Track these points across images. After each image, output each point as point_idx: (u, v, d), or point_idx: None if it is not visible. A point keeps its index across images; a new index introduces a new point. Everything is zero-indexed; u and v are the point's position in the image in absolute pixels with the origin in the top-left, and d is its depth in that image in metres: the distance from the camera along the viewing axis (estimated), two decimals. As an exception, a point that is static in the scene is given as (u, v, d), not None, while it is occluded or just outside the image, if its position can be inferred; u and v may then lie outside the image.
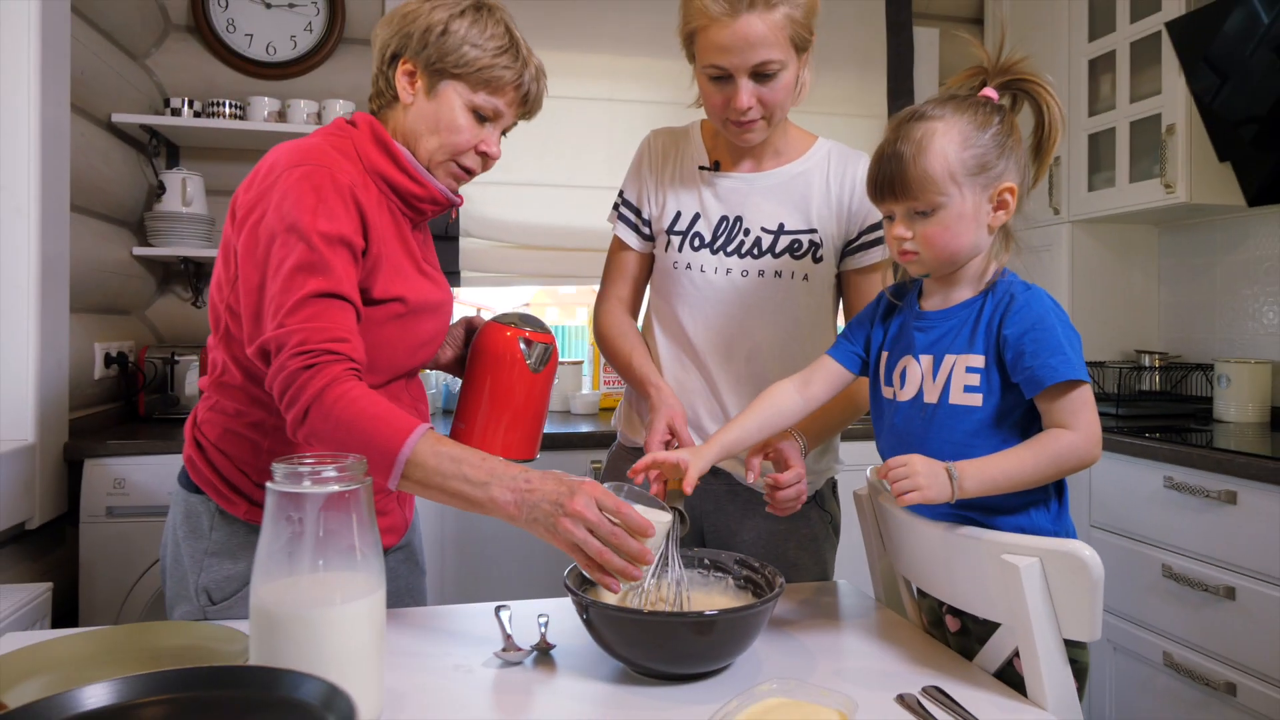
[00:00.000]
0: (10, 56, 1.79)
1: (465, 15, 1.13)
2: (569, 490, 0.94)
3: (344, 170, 1.08)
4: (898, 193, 0.98)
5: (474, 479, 0.96)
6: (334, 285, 1.02)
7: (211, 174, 2.57)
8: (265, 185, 1.06)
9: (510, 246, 2.78)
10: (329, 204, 1.04)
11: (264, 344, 1.02)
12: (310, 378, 0.98)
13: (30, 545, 1.89)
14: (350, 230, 1.05)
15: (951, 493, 0.91)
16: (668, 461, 1.06)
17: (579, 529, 0.92)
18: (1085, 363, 0.94)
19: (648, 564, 0.94)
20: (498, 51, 1.14)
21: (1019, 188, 0.99)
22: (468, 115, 1.16)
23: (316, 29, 2.67)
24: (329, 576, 0.82)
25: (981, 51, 1.07)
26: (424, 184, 1.17)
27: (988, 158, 0.97)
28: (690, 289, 1.35)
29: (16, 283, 1.80)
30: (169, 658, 0.95)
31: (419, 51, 1.14)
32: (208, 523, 1.16)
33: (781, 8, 1.17)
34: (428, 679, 0.95)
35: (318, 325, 1.00)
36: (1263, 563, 1.72)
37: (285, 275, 1.01)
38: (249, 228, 1.06)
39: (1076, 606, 0.86)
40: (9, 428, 1.80)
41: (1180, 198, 2.27)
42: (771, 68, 1.19)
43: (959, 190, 0.96)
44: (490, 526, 2.26)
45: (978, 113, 0.99)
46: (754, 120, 1.24)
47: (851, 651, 1.05)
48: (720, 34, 1.17)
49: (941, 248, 0.98)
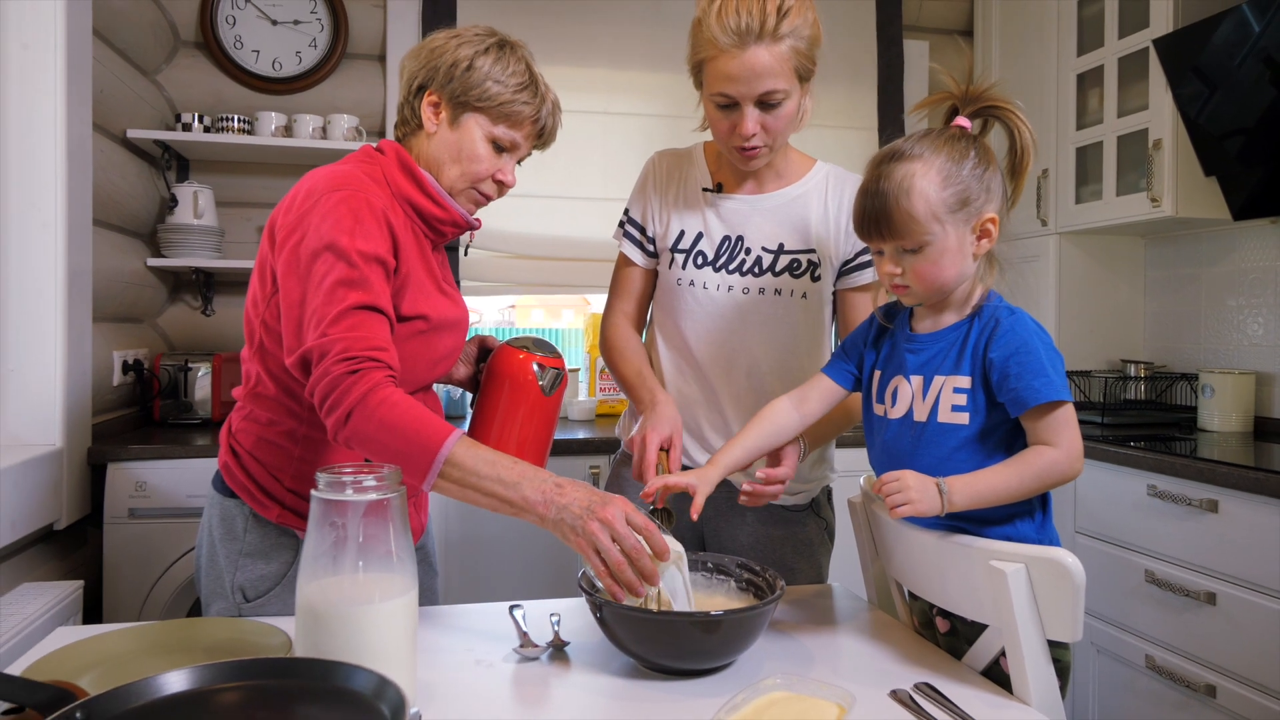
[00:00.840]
0: (38, 79, 1.86)
1: (489, 53, 1.21)
2: (602, 500, 1.01)
3: (377, 195, 1.15)
4: (884, 233, 1.04)
5: (507, 480, 1.03)
6: (373, 299, 1.09)
7: (221, 186, 2.64)
8: (304, 208, 1.13)
9: (508, 256, 2.85)
10: (366, 225, 1.11)
11: (306, 353, 1.07)
12: (354, 382, 1.04)
13: (58, 545, 1.96)
14: (385, 250, 1.13)
15: (941, 506, 0.98)
16: (678, 485, 1.13)
17: (605, 536, 0.99)
18: (1068, 378, 1.01)
19: (655, 585, 1.00)
20: (518, 88, 1.21)
21: (1000, 215, 1.05)
22: (487, 146, 1.23)
23: (321, 45, 2.74)
24: (368, 577, 0.89)
25: (950, 79, 1.12)
26: (447, 208, 1.24)
27: (968, 192, 1.03)
28: (693, 305, 1.42)
29: (44, 294, 1.87)
30: (214, 651, 1.02)
31: (445, 84, 1.21)
32: (242, 525, 1.23)
33: (787, 40, 1.23)
34: (454, 673, 1.02)
35: (359, 335, 1.06)
36: (1243, 569, 1.79)
37: (327, 289, 1.07)
38: (289, 248, 1.12)
39: (1059, 609, 0.94)
40: (38, 433, 1.87)
41: (1166, 211, 2.34)
42: (776, 97, 1.26)
43: (942, 227, 1.02)
44: (492, 530, 2.33)
45: (954, 148, 1.04)
46: (758, 147, 1.31)
47: (847, 650, 1.12)
48: (728, 64, 1.23)
49: (931, 281, 1.05)
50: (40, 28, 1.86)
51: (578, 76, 2.90)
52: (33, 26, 1.86)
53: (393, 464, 0.97)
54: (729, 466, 1.17)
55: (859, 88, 3.10)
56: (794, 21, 1.24)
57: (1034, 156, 1.08)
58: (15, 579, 1.77)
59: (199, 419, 2.39)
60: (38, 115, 1.86)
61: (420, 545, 1.42)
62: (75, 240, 1.93)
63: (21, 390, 1.87)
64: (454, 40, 1.22)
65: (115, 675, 0.96)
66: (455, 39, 1.22)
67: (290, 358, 1.10)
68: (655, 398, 1.31)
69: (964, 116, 1.09)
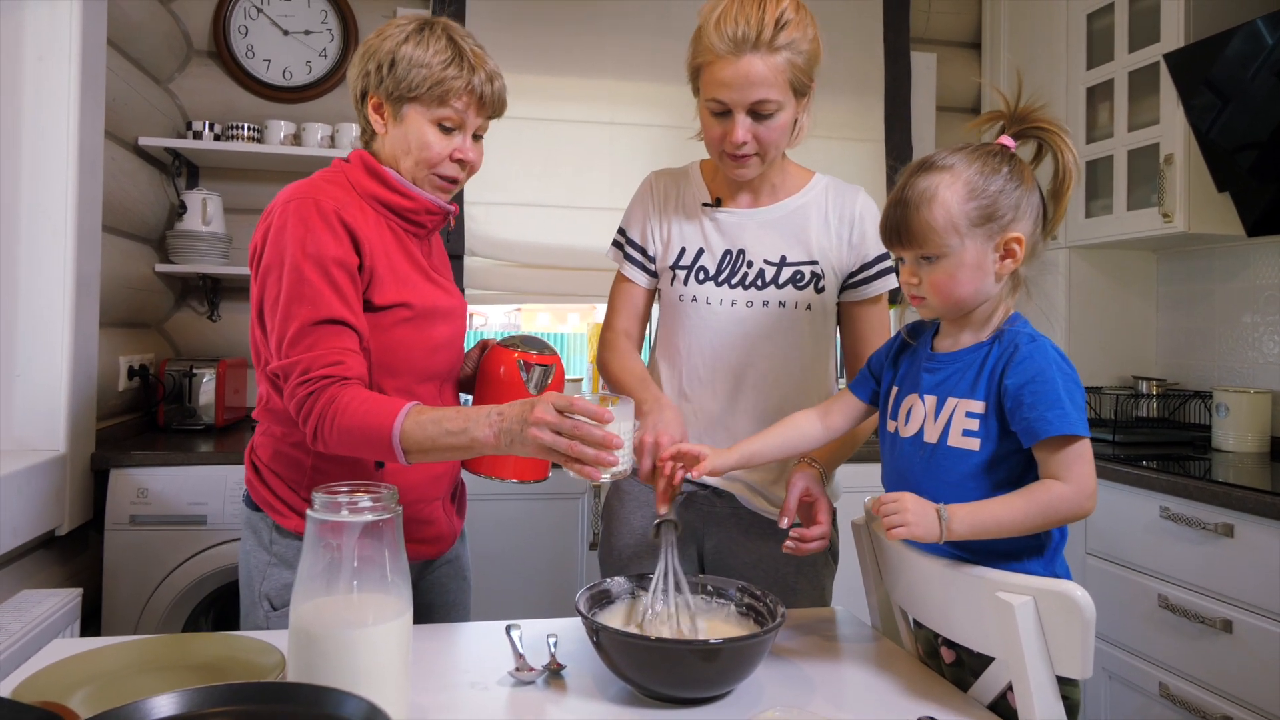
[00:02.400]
0: (53, 90, 1.87)
1: (409, 40, 1.22)
2: (530, 405, 1.06)
3: (330, 196, 1.18)
4: (904, 240, 1.04)
5: (454, 430, 1.09)
6: (324, 311, 1.13)
7: (230, 193, 2.65)
8: (265, 226, 1.18)
9: (513, 265, 2.85)
10: (315, 232, 1.14)
11: (272, 375, 1.17)
12: (314, 402, 1.12)
13: (59, 550, 1.96)
14: (338, 252, 1.15)
15: (940, 533, 0.96)
16: (689, 452, 1.13)
17: (545, 433, 1.03)
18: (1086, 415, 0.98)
19: (616, 448, 1.04)
20: (444, 65, 1.21)
21: (1028, 236, 1.03)
22: (434, 130, 1.24)
23: (330, 55, 2.75)
24: (362, 598, 0.88)
25: (1002, 98, 1.11)
26: (413, 196, 1.26)
27: (994, 208, 1.01)
28: (696, 320, 1.40)
29: (52, 301, 1.87)
30: (206, 669, 1.01)
31: (378, 86, 1.23)
32: (267, 536, 1.26)
33: (784, 53, 1.24)
34: (448, 696, 1.01)
35: (315, 354, 1.13)
36: (1260, 597, 1.75)
37: (283, 308, 1.14)
38: (255, 268, 1.18)
39: (1068, 644, 0.91)
40: (43, 439, 1.87)
41: (1178, 227, 2.31)
42: (769, 107, 1.26)
43: (961, 240, 1.01)
44: (495, 545, 2.32)
45: (986, 163, 1.02)
46: (748, 155, 1.31)
47: (850, 680, 1.10)
48: (723, 71, 1.25)
49: (946, 294, 1.03)
50: (56, 40, 1.87)
51: (585, 87, 2.89)
52: (49, 38, 1.87)
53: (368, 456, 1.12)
54: (746, 455, 1.18)
55: (865, 99, 3.08)
56: (792, 35, 1.24)
57: (1076, 181, 1.06)
58: (16, 584, 1.77)
59: (202, 424, 2.39)
60: (51, 125, 1.87)
61: (454, 555, 1.43)
62: (84, 246, 1.94)
63: (27, 395, 1.87)
64: (378, 38, 1.24)
65: (107, 693, 0.95)
66: (379, 36, 1.24)
67: (264, 382, 1.19)
68: (660, 400, 1.29)
69: (1009, 135, 1.07)
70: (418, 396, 1.26)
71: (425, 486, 1.28)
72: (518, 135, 2.83)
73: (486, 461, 1.29)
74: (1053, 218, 1.06)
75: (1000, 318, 1.06)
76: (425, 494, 1.29)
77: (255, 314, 1.21)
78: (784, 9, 1.25)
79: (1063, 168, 1.05)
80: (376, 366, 1.22)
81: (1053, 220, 1.06)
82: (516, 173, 2.83)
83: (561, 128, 2.88)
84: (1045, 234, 1.07)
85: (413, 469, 1.24)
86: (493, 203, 2.79)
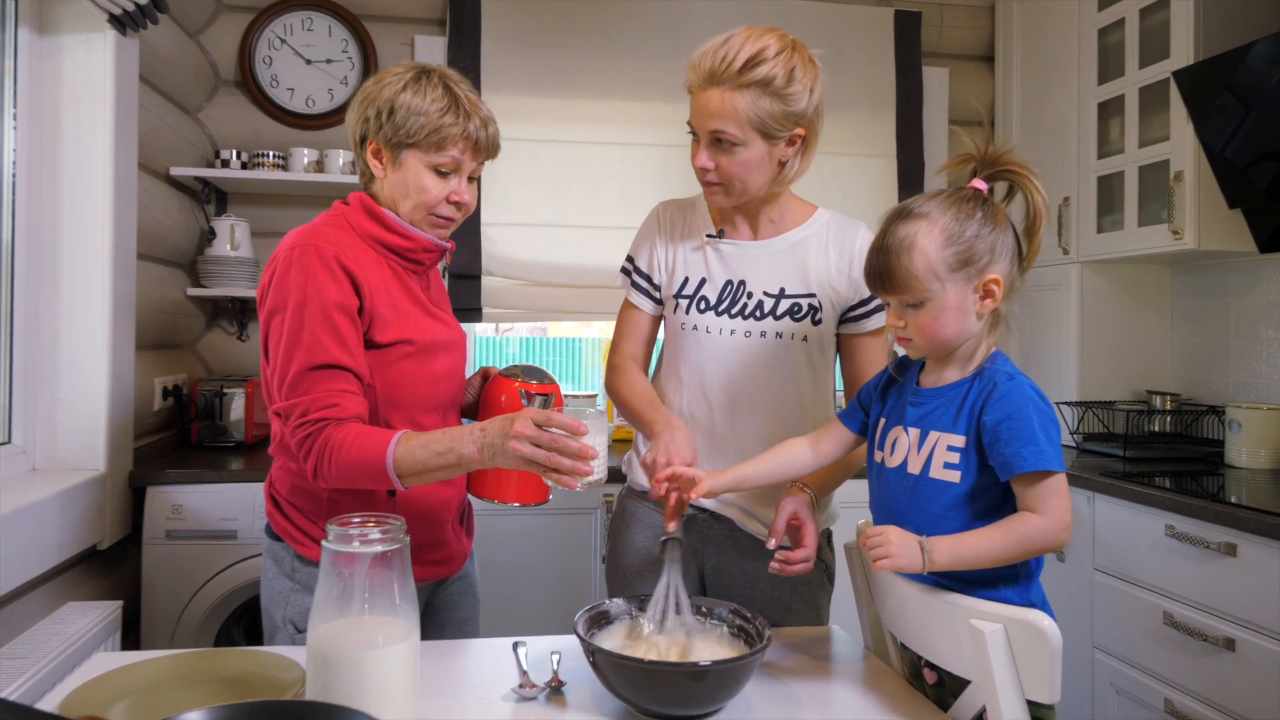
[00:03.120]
0: (89, 128, 1.97)
1: (407, 88, 1.28)
2: (510, 420, 1.14)
3: (330, 241, 1.24)
4: (887, 287, 1.09)
5: (440, 450, 1.17)
6: (321, 356, 1.20)
7: (257, 218, 2.76)
8: (270, 270, 1.25)
9: (529, 284, 2.92)
10: (316, 278, 1.21)
11: (276, 412, 1.25)
12: (311, 443, 1.19)
13: (100, 564, 2.07)
14: (339, 296, 1.22)
15: (922, 564, 1.01)
16: (684, 475, 1.19)
17: (525, 445, 1.11)
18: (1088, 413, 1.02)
19: (592, 458, 1.12)
20: (440, 113, 1.27)
21: (1006, 276, 1.07)
22: (431, 175, 1.30)
23: (351, 82, 2.85)
24: (373, 621, 0.95)
25: (971, 142, 1.15)
26: (412, 237, 1.33)
27: (970, 252, 1.06)
28: (697, 348, 1.46)
29: (92, 328, 1.98)
30: (233, 682, 1.09)
31: (377, 132, 1.29)
32: (289, 565, 1.33)
33: (751, 92, 1.29)
34: (454, 710, 1.07)
35: (312, 397, 1.20)
36: (1262, 616, 1.76)
37: (283, 351, 1.21)
38: (264, 310, 1.26)
39: (1037, 671, 0.96)
40: (84, 458, 1.98)
41: (1188, 244, 2.32)
42: (726, 137, 1.32)
43: (942, 285, 1.06)
44: (512, 560, 2.39)
45: (961, 209, 1.07)
46: (712, 183, 1.37)
47: (836, 699, 1.15)
48: (696, 98, 1.35)
49: (932, 336, 1.08)
50: (91, 80, 1.97)
51: (598, 109, 2.96)
52: (85, 80, 1.98)
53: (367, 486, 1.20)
54: (738, 478, 1.24)
55: (878, 115, 3.11)
56: (765, 73, 1.28)
57: (1046, 221, 1.11)
58: (62, 595, 1.87)
59: (233, 441, 2.49)
60: (88, 161, 1.97)
61: (465, 573, 1.50)
62: (120, 274, 2.04)
63: (69, 417, 1.98)
64: (376, 85, 1.30)
65: (144, 705, 1.03)
66: (378, 83, 1.30)
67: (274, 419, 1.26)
68: (671, 422, 1.34)
69: (980, 179, 1.12)
70: (422, 426, 1.32)
71: (435, 511, 1.36)
72: (534, 157, 2.90)
73: (490, 486, 1.35)
74: (1027, 255, 1.11)
75: (983, 355, 1.11)
76: (436, 518, 1.36)
77: (263, 355, 1.28)
78: (764, 48, 1.29)
79: (1033, 208, 1.10)
80: (382, 400, 1.28)
81: (1027, 257, 1.11)
82: (531, 194, 2.91)
83: (575, 149, 2.95)
84: (1021, 271, 1.11)
85: (421, 495, 1.31)
86: (508, 223, 2.87)
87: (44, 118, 1.95)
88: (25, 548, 1.67)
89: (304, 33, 2.83)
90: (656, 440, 1.29)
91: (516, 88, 2.91)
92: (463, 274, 2.83)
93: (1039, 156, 2.93)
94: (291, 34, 2.82)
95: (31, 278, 1.93)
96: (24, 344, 1.92)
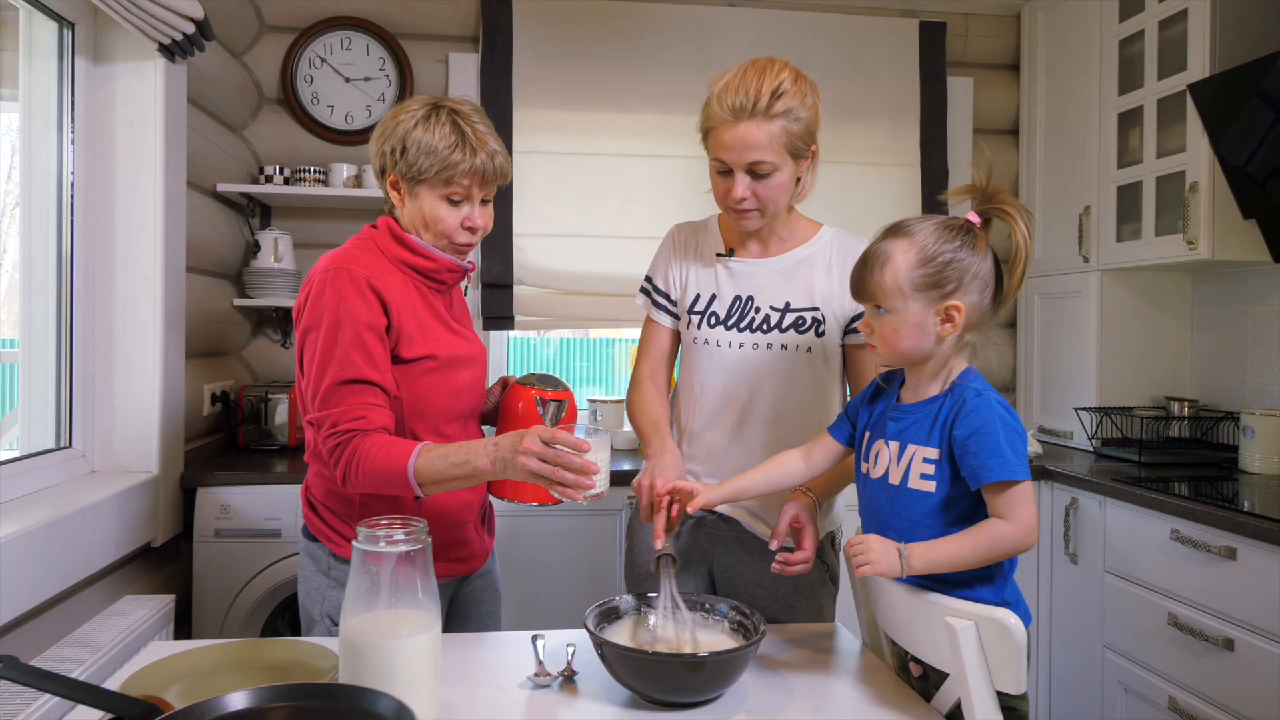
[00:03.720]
0: (141, 151, 2.11)
1: (418, 126, 1.37)
2: (520, 436, 1.23)
3: (361, 265, 1.35)
4: (860, 293, 1.19)
5: (457, 462, 1.27)
6: (350, 372, 1.31)
7: (299, 230, 2.90)
8: (306, 291, 1.36)
9: (559, 293, 3.01)
10: (348, 300, 1.32)
11: (309, 422, 1.36)
12: (340, 453, 1.30)
13: (153, 560, 2.21)
14: (368, 317, 1.32)
15: (901, 569, 1.10)
16: (684, 489, 1.29)
17: (532, 460, 1.21)
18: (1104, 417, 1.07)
19: (594, 473, 1.22)
20: (449, 149, 1.36)
21: (971, 307, 1.14)
22: (444, 205, 1.40)
23: (389, 99, 2.97)
24: (398, 614, 1.05)
25: (978, 173, 1.22)
26: (435, 259, 1.43)
27: (939, 277, 1.13)
28: (708, 360, 1.55)
29: (145, 339, 2.11)
30: (275, 669, 1.20)
31: (394, 166, 1.40)
32: (326, 563, 1.44)
33: (780, 121, 1.38)
34: (473, 696, 1.18)
35: (341, 409, 1.30)
36: (1259, 617, 1.80)
37: (317, 367, 1.32)
38: (300, 328, 1.36)
39: (1004, 663, 1.04)
40: (138, 461, 2.12)
41: (1202, 254, 2.35)
42: (764, 168, 1.40)
43: (905, 301, 1.14)
44: (542, 558, 2.50)
45: (943, 235, 1.15)
46: (749, 210, 1.45)
47: (828, 690, 1.23)
48: (725, 134, 1.40)
49: (890, 345, 1.17)
50: (143, 105, 2.11)
51: (628, 122, 3.05)
52: (137, 104, 2.11)
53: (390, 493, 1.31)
54: (734, 490, 1.33)
55: (902, 124, 3.15)
56: (788, 103, 1.38)
57: (1027, 259, 1.16)
58: (120, 589, 2.01)
59: (277, 445, 2.62)
60: (140, 181, 2.11)
61: (486, 570, 1.60)
62: (171, 287, 2.18)
63: (125, 423, 2.12)
64: (393, 120, 1.40)
65: (196, 688, 1.15)
66: (394, 118, 1.40)
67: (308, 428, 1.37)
68: (664, 446, 1.45)
69: (975, 212, 1.19)
70: (444, 434, 1.43)
71: (458, 512, 1.46)
72: (564, 169, 3.00)
73: (509, 489, 1.45)
74: (1006, 289, 1.17)
75: (956, 373, 1.19)
76: (458, 519, 1.46)
77: (298, 368, 1.39)
78: (781, 80, 1.39)
79: (1015, 246, 1.17)
80: (408, 412, 1.39)
81: (1006, 291, 1.17)
82: (562, 205, 3.01)
83: (604, 161, 3.04)
84: (999, 304, 1.18)
85: (445, 497, 1.41)
86: (539, 234, 2.97)
87: (99, 141, 2.09)
88: (86, 545, 1.80)
89: (343, 51, 2.95)
90: (648, 462, 1.41)
91: (547, 102, 3.01)
92: (495, 283, 2.94)
93: (1062, 165, 2.97)
94: (331, 53, 2.95)
95: (88, 292, 2.08)
96: (82, 354, 2.07)
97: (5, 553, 1.50)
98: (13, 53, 2.01)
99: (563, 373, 4.67)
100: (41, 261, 2.02)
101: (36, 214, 2.01)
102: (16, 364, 2.06)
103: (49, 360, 2.03)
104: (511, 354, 3.25)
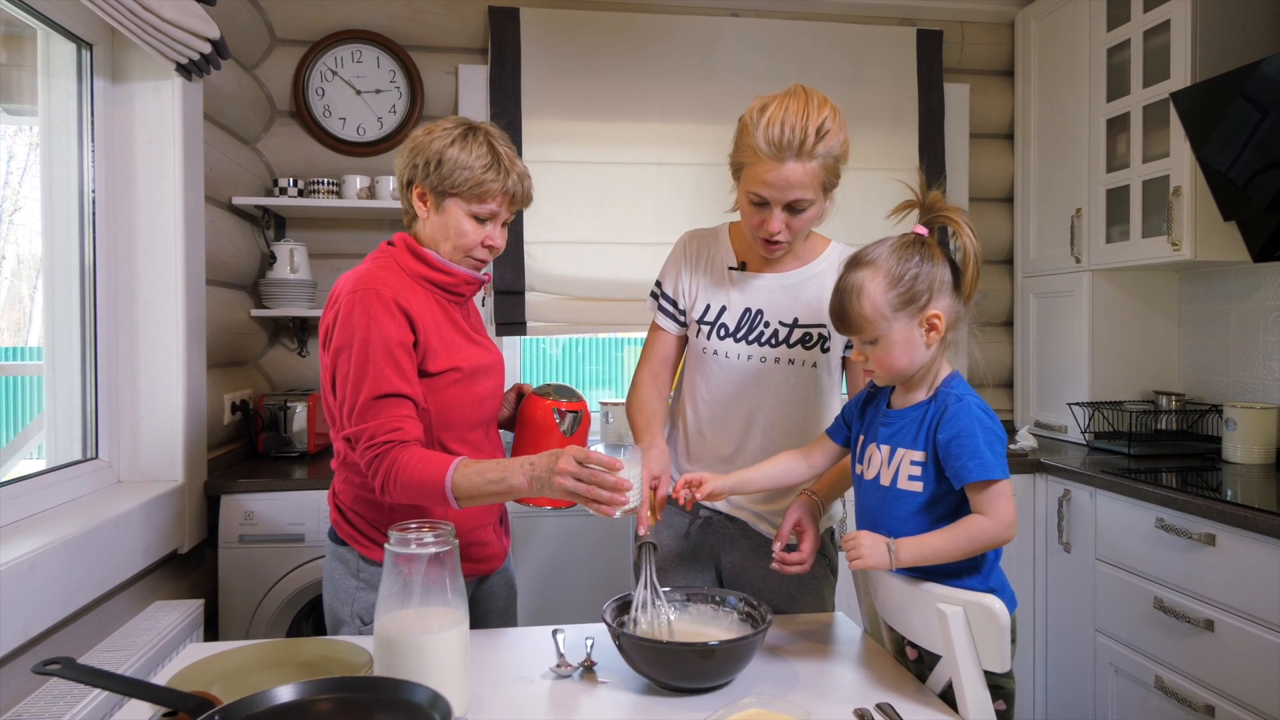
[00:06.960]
0: (160, 168, 2.17)
1: (455, 143, 1.44)
2: (556, 456, 1.29)
3: (387, 284, 1.41)
4: (844, 328, 1.27)
5: (494, 479, 1.33)
6: (385, 387, 1.37)
7: (314, 241, 2.98)
8: (334, 311, 1.42)
9: (569, 298, 3.09)
10: (378, 319, 1.38)
11: (345, 437, 1.40)
12: (379, 464, 1.35)
13: (179, 566, 2.29)
14: (398, 334, 1.39)
15: (890, 562, 1.19)
16: (694, 479, 1.37)
17: (568, 480, 1.26)
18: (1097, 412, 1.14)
19: (626, 489, 1.27)
20: (484, 169, 1.43)
21: (947, 311, 1.23)
22: (470, 221, 1.47)
23: (400, 110, 3.04)
24: (429, 611, 1.13)
25: (912, 190, 1.31)
26: (453, 273, 1.50)
27: (911, 293, 1.21)
28: (715, 370, 1.62)
29: (168, 351, 2.19)
30: (311, 667, 1.27)
31: (425, 178, 1.46)
32: (354, 566, 1.51)
33: (819, 159, 1.41)
34: (500, 687, 1.26)
35: (377, 423, 1.36)
36: (1237, 599, 1.90)
37: (351, 383, 1.37)
38: (328, 349, 1.42)
39: (990, 645, 1.13)
40: (164, 470, 2.20)
41: (1185, 255, 2.44)
42: (803, 205, 1.45)
43: (889, 324, 1.22)
44: (563, 555, 2.58)
45: (901, 254, 1.23)
46: (780, 242, 1.50)
47: (831, 673, 1.32)
48: (766, 171, 1.41)
49: (889, 367, 1.25)
50: (161, 123, 2.17)
51: (633, 130, 3.11)
52: (155, 122, 2.17)
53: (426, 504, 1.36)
54: (741, 481, 1.41)
55: (901, 130, 3.22)
56: (829, 143, 1.41)
57: (975, 261, 1.24)
58: (149, 595, 2.09)
59: (297, 451, 2.70)
60: (160, 197, 2.18)
61: (505, 568, 1.68)
62: (192, 301, 2.25)
63: (150, 433, 2.19)
64: (427, 136, 1.46)
65: (237, 685, 1.22)
66: (428, 134, 1.46)
67: (338, 438, 1.43)
68: (654, 441, 1.54)
69: (921, 224, 1.27)
70: (469, 441, 1.51)
71: (479, 515, 1.54)
72: (573, 177, 3.08)
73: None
74: (965, 287, 1.25)
75: (941, 378, 1.27)
76: (479, 521, 1.54)
77: (328, 384, 1.44)
78: (825, 118, 1.39)
79: (963, 249, 1.25)
80: (436, 423, 1.46)
81: (965, 289, 1.25)
82: (571, 213, 3.08)
83: (612, 169, 3.11)
84: (964, 302, 1.26)
85: None
86: (549, 241, 3.05)
87: (118, 158, 2.16)
88: (117, 553, 1.87)
89: (354, 64, 3.02)
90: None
91: (555, 112, 3.08)
92: (507, 290, 3.02)
93: (1054, 168, 3.06)
94: (342, 66, 3.02)
95: (112, 306, 2.15)
96: (107, 367, 2.14)
97: (41, 563, 1.57)
98: (31, 72, 2.07)
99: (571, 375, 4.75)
100: (65, 276, 2.08)
101: (59, 230, 2.07)
102: (42, 375, 2.12)
103: (74, 373, 2.09)
104: (523, 357, 3.33)
